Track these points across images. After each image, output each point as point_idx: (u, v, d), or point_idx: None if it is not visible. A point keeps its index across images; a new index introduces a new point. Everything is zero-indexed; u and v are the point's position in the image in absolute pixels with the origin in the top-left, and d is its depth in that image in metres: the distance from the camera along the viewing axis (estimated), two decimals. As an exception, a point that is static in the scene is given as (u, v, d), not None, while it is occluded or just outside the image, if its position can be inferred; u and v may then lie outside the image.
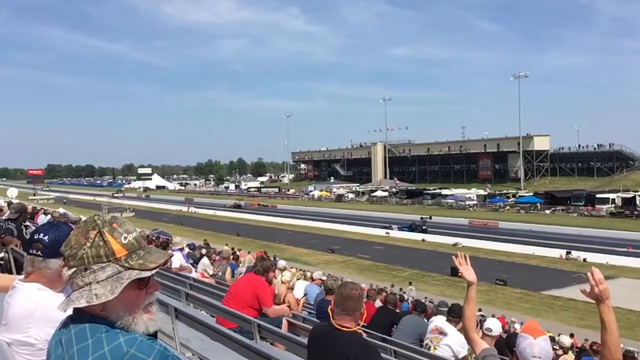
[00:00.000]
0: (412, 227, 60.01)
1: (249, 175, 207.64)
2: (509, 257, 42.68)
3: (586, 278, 2.80)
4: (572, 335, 21.45)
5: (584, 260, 40.15)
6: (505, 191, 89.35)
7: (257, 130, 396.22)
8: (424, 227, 59.13)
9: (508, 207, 79.56)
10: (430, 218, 65.87)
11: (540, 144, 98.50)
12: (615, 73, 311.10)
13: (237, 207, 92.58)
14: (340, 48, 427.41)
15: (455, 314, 6.23)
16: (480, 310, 25.68)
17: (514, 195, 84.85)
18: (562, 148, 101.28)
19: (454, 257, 3.69)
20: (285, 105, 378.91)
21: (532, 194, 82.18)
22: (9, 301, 2.18)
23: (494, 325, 5.14)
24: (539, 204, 76.93)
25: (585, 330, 23.48)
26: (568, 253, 42.15)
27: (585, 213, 69.87)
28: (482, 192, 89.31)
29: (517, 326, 19.44)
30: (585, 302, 29.60)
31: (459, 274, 3.71)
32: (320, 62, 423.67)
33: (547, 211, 74.06)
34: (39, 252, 2.21)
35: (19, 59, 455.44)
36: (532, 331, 3.05)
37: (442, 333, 6.12)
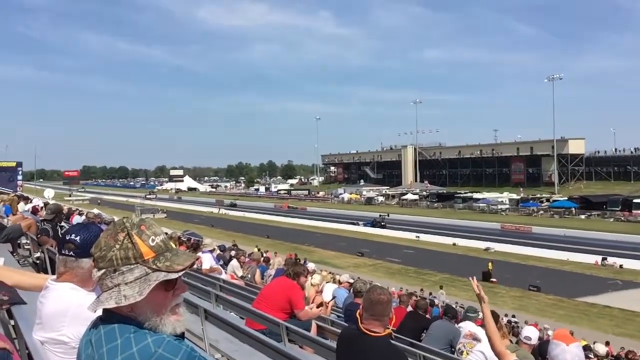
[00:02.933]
0: (373, 223, 67.47)
1: (279, 177, 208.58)
2: (542, 263, 41.91)
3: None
4: (607, 344, 20.94)
5: (621, 266, 39.22)
6: (538, 195, 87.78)
7: (287, 133, 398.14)
8: (382, 224, 67.01)
9: (542, 212, 78.16)
10: (388, 215, 75.11)
11: (575, 147, 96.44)
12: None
13: (233, 206, 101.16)
14: (372, 51, 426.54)
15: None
16: (514, 316, 25.33)
17: (547, 200, 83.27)
18: (598, 152, 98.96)
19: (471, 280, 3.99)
20: (315, 108, 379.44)
21: (566, 198, 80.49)
22: (43, 301, 2.23)
23: (533, 334, 5.08)
24: (573, 209, 75.35)
25: (622, 338, 22.92)
26: (604, 259, 41.22)
27: (622, 218, 68.24)
28: (514, 196, 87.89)
29: (551, 333, 19.06)
30: (621, 310, 28.99)
31: (478, 294, 3.81)
32: (351, 66, 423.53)
33: (582, 216, 72.52)
34: (71, 253, 2.25)
35: (58, 63, 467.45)
36: (564, 338, 3.00)
37: (476, 339, 6.04)
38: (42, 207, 11.78)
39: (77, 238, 2.26)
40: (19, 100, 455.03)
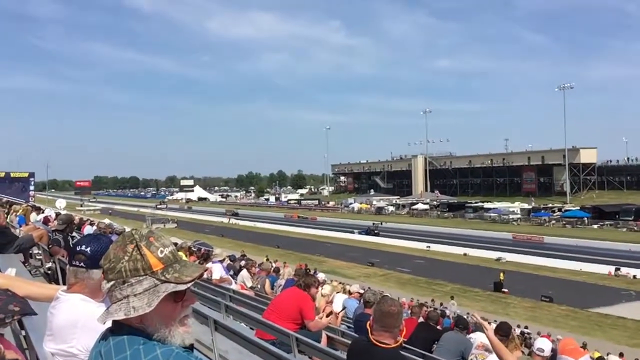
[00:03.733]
0: (367, 231, 69.62)
1: (289, 187, 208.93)
2: (554, 273, 41.53)
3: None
4: (621, 355, 20.71)
5: (634, 277, 38.79)
6: (550, 205, 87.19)
7: (297, 143, 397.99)
8: (376, 232, 69.35)
9: (553, 222, 77.59)
10: (382, 224, 77.41)
11: (587, 156, 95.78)
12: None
13: (234, 215, 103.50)
14: (381, 61, 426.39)
15: (503, 332, 6.11)
16: (526, 327, 25.09)
17: (559, 210, 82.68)
18: (610, 161, 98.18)
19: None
20: (325, 118, 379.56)
21: (578, 208, 79.90)
22: (53, 312, 2.24)
23: (546, 346, 5.03)
24: (586, 219, 74.78)
25: (636, 349, 22.63)
26: (617, 269, 40.81)
27: (635, 228, 67.45)
28: (526, 205, 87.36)
29: (563, 344, 18.86)
30: (635, 321, 28.63)
31: (485, 329, 3.84)
32: (361, 75, 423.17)
33: (595, 226, 71.90)
34: (82, 264, 2.27)
35: (69, 74, 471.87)
36: (572, 352, 2.95)
37: (488, 350, 6.00)
38: (54, 218, 11.87)
39: (88, 249, 2.27)
40: (31, 111, 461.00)
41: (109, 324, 1.40)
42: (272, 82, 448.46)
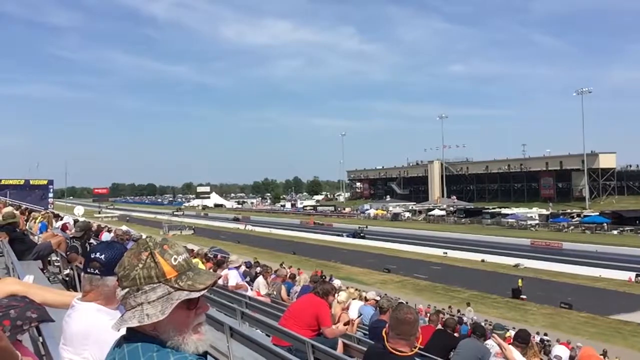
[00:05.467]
0: (354, 234, 74.10)
1: (305, 193, 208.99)
2: (573, 280, 41.01)
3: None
4: (643, 363, 20.35)
5: (656, 283, 38.16)
6: (569, 211, 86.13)
7: (312, 149, 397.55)
8: (362, 235, 73.71)
9: (572, 227, 76.65)
10: (367, 227, 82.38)
11: (606, 161, 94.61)
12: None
13: (236, 220, 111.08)
14: (396, 66, 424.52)
15: (522, 340, 6.03)
16: (545, 334, 24.79)
17: (578, 215, 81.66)
18: (630, 166, 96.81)
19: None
20: (340, 124, 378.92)
21: (598, 213, 78.80)
22: (68, 320, 2.26)
23: (563, 353, 4.97)
24: (605, 224, 73.74)
25: (658, 358, 22.19)
26: (638, 275, 40.22)
27: (656, 233, 66.46)
28: (544, 211, 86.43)
29: (584, 352, 18.58)
30: (657, 328, 28.12)
31: (504, 349, 3.84)
32: (375, 81, 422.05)
33: (615, 231, 70.88)
34: (97, 271, 2.28)
35: (86, 82, 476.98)
36: (590, 358, 2.91)
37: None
38: (72, 225, 11.99)
39: (102, 256, 2.29)
40: (49, 119, 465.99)
41: (123, 331, 1.41)
42: (287, 88, 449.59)
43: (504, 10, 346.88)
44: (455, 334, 9.49)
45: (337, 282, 18.16)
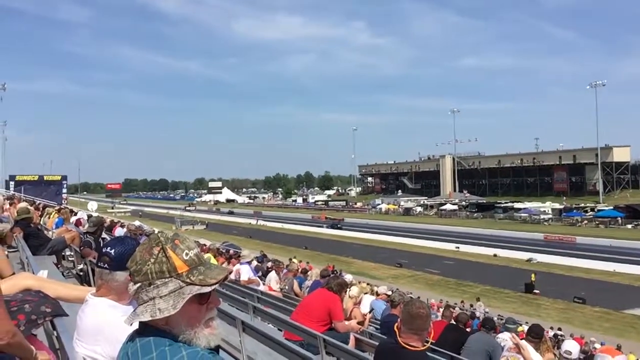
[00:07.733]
0: (332, 225, 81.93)
1: (316, 188, 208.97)
2: (587, 274, 40.67)
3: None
4: (658, 358, 20.13)
5: (671, 278, 37.73)
6: (582, 205, 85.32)
7: (324, 144, 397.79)
8: (339, 226, 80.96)
9: (586, 222, 75.91)
10: (343, 220, 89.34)
11: (620, 155, 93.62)
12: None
13: (230, 214, 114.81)
14: (408, 60, 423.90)
15: (535, 335, 6.00)
16: (559, 329, 24.63)
17: (592, 209, 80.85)
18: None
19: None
20: (352, 118, 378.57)
21: (612, 207, 77.96)
22: (81, 315, 2.29)
23: (573, 348, 4.94)
24: (619, 218, 72.93)
25: (674, 353, 21.90)
26: (653, 270, 39.74)
27: (672, 228, 65.69)
28: (557, 205, 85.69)
29: (598, 346, 18.42)
30: (673, 323, 27.83)
31: (522, 349, 3.83)
32: (387, 75, 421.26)
33: (629, 226, 70.07)
34: (106, 265, 2.31)
35: (98, 78, 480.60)
36: (609, 350, 2.91)
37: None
38: (85, 220, 12.10)
39: (112, 251, 2.31)
40: (63, 115, 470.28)
41: (135, 325, 1.43)
42: (298, 83, 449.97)
43: (517, 2, 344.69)
44: (467, 329, 9.48)
45: (348, 277, 18.16)
